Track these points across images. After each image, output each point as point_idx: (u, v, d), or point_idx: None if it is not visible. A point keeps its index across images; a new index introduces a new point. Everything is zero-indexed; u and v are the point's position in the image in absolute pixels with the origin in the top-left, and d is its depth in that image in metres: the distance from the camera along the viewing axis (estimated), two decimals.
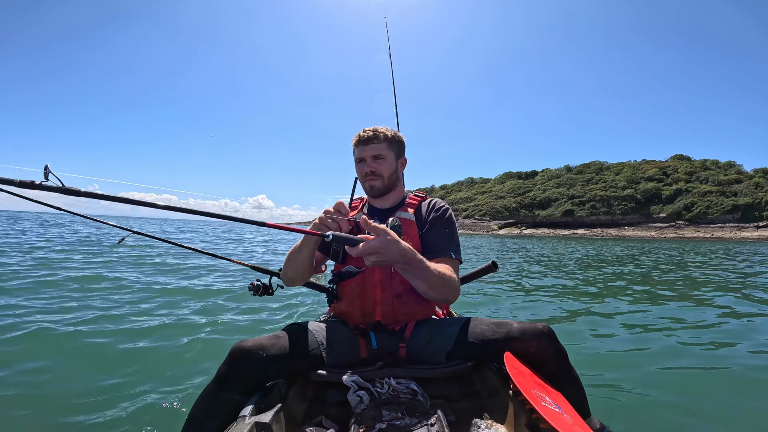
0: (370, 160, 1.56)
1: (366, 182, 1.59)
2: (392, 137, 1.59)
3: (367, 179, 1.58)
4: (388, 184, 1.59)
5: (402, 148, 1.65)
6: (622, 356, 3.05)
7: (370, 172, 1.56)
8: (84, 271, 6.31)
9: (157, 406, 2.06)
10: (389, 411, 1.22)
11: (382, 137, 1.56)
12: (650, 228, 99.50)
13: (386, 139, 1.57)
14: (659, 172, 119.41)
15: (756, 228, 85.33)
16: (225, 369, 1.20)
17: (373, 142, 1.56)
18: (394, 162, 1.60)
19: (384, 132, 1.57)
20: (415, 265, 1.23)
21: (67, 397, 2.15)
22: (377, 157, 1.56)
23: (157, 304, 4.40)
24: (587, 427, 0.99)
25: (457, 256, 1.51)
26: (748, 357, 3.01)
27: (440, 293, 1.35)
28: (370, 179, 1.57)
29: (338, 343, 1.44)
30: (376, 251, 1.10)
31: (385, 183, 1.58)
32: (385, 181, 1.57)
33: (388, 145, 1.58)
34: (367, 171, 1.57)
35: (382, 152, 1.56)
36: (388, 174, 1.58)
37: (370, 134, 1.56)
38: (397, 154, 1.62)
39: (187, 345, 3.04)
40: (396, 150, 1.61)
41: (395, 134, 1.60)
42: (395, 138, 1.60)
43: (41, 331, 3.13)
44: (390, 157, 1.58)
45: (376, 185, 1.57)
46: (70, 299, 4.36)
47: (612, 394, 2.34)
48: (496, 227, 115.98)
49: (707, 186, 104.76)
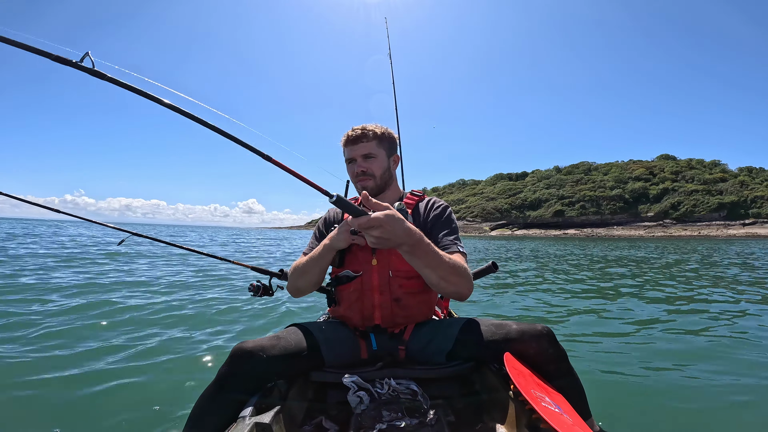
0: (361, 159, 1.50)
1: (358, 183, 1.53)
2: (382, 134, 1.53)
3: (358, 180, 1.52)
4: (380, 184, 1.53)
5: (393, 145, 1.59)
6: (622, 356, 3.05)
7: (361, 172, 1.50)
8: (85, 271, 6.24)
9: (158, 407, 2.04)
10: (389, 411, 1.22)
11: (371, 135, 1.50)
12: (639, 227, 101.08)
13: (375, 137, 1.51)
14: (646, 171, 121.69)
15: (742, 225, 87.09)
16: (225, 370, 1.19)
17: (362, 140, 1.50)
18: (386, 160, 1.54)
19: (373, 129, 1.52)
20: (423, 248, 1.14)
21: (67, 397, 2.13)
22: (367, 156, 1.50)
23: (156, 305, 4.37)
24: (587, 428, 0.99)
25: (464, 251, 1.45)
26: (748, 358, 3.01)
27: (454, 284, 1.25)
28: (361, 180, 1.51)
29: (338, 344, 1.43)
30: (380, 224, 1.01)
31: (377, 183, 1.52)
32: (377, 180, 1.52)
33: (378, 143, 1.52)
34: (358, 171, 1.50)
35: (372, 151, 1.50)
36: (380, 173, 1.52)
37: (359, 133, 1.50)
38: (389, 151, 1.56)
39: (187, 346, 3.03)
40: (387, 147, 1.55)
41: (385, 131, 1.55)
42: (385, 135, 1.54)
43: (41, 331, 3.11)
44: (381, 155, 1.52)
45: (369, 185, 1.51)
46: (69, 300, 4.30)
47: (612, 394, 2.35)
48: (488, 229, 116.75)
49: (693, 185, 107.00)
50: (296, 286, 1.52)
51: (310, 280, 1.48)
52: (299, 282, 1.50)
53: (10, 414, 1.99)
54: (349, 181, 1.59)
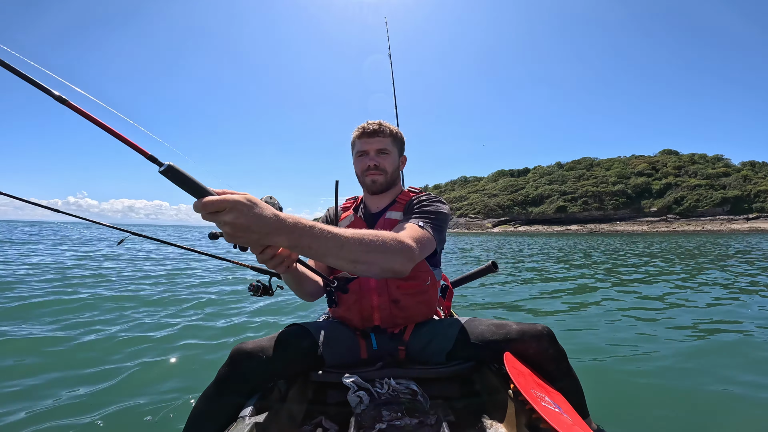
0: (374, 153, 1.49)
1: (368, 177, 1.50)
2: (396, 133, 1.54)
3: (369, 174, 1.49)
4: (390, 181, 1.53)
5: (403, 145, 1.60)
6: (621, 356, 3.05)
7: (374, 166, 1.48)
8: (87, 271, 6.25)
9: (158, 408, 2.05)
10: (389, 411, 1.22)
11: (387, 131, 1.50)
12: (642, 222, 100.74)
13: (391, 134, 1.51)
14: (648, 167, 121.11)
15: (746, 220, 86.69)
16: (225, 371, 1.20)
17: (379, 135, 1.49)
18: (397, 159, 1.55)
19: (389, 127, 1.51)
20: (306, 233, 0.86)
21: (66, 398, 2.14)
22: (382, 151, 1.49)
23: (155, 305, 4.38)
24: (587, 427, 0.99)
25: (425, 227, 1.27)
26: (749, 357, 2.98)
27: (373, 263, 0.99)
28: (373, 174, 1.49)
29: (339, 344, 1.43)
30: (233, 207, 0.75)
31: (387, 179, 1.51)
32: (388, 177, 1.51)
33: (393, 141, 1.52)
34: (370, 165, 1.48)
35: (387, 147, 1.50)
36: (391, 170, 1.52)
37: (376, 127, 1.49)
38: (399, 151, 1.57)
39: (186, 346, 3.03)
40: (399, 147, 1.56)
41: (398, 131, 1.56)
42: (398, 135, 1.56)
43: (40, 334, 3.12)
44: (394, 153, 1.52)
45: (379, 180, 1.50)
46: (70, 298, 4.32)
47: (611, 394, 2.35)
48: (491, 225, 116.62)
49: (696, 180, 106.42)
50: (299, 296, 1.47)
51: (303, 291, 1.43)
52: (297, 294, 1.45)
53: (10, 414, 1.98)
54: (338, 182, 1.48)
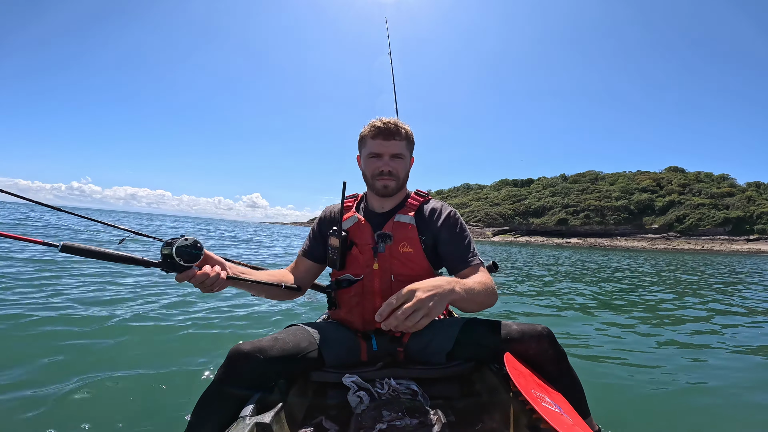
0: (389, 158, 1.42)
1: (379, 181, 1.44)
2: (410, 135, 1.48)
3: (381, 179, 1.43)
4: (400, 185, 1.49)
5: (413, 146, 1.55)
6: (621, 357, 3.07)
7: (388, 171, 1.42)
8: (86, 270, 6.26)
9: (158, 409, 2.03)
10: (389, 411, 1.21)
11: (403, 134, 1.43)
12: (642, 239, 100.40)
13: (407, 137, 1.45)
14: (653, 183, 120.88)
15: (746, 241, 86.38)
16: (223, 372, 1.18)
17: (396, 137, 1.41)
18: (409, 162, 1.51)
19: (405, 128, 1.44)
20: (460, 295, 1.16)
21: (66, 398, 2.11)
22: (397, 155, 1.43)
23: (154, 306, 4.35)
24: (587, 428, 0.99)
25: (481, 259, 1.45)
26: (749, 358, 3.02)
27: (486, 305, 1.32)
28: (386, 179, 1.43)
29: (339, 345, 1.42)
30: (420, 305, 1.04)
31: (399, 185, 1.47)
32: (400, 182, 1.47)
33: (407, 144, 1.47)
34: (384, 170, 1.42)
35: (402, 151, 1.43)
36: (403, 175, 1.48)
37: (393, 128, 1.40)
38: (411, 152, 1.52)
39: (186, 347, 3.01)
40: (411, 149, 1.51)
41: (411, 132, 1.49)
42: (412, 137, 1.49)
43: (39, 328, 3.11)
44: (407, 158, 1.48)
45: (391, 186, 1.45)
46: (69, 299, 4.32)
47: (611, 394, 2.36)
48: (491, 234, 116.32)
49: (700, 198, 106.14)
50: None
51: (269, 297, 1.51)
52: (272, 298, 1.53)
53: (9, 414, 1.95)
54: (346, 183, 1.42)
